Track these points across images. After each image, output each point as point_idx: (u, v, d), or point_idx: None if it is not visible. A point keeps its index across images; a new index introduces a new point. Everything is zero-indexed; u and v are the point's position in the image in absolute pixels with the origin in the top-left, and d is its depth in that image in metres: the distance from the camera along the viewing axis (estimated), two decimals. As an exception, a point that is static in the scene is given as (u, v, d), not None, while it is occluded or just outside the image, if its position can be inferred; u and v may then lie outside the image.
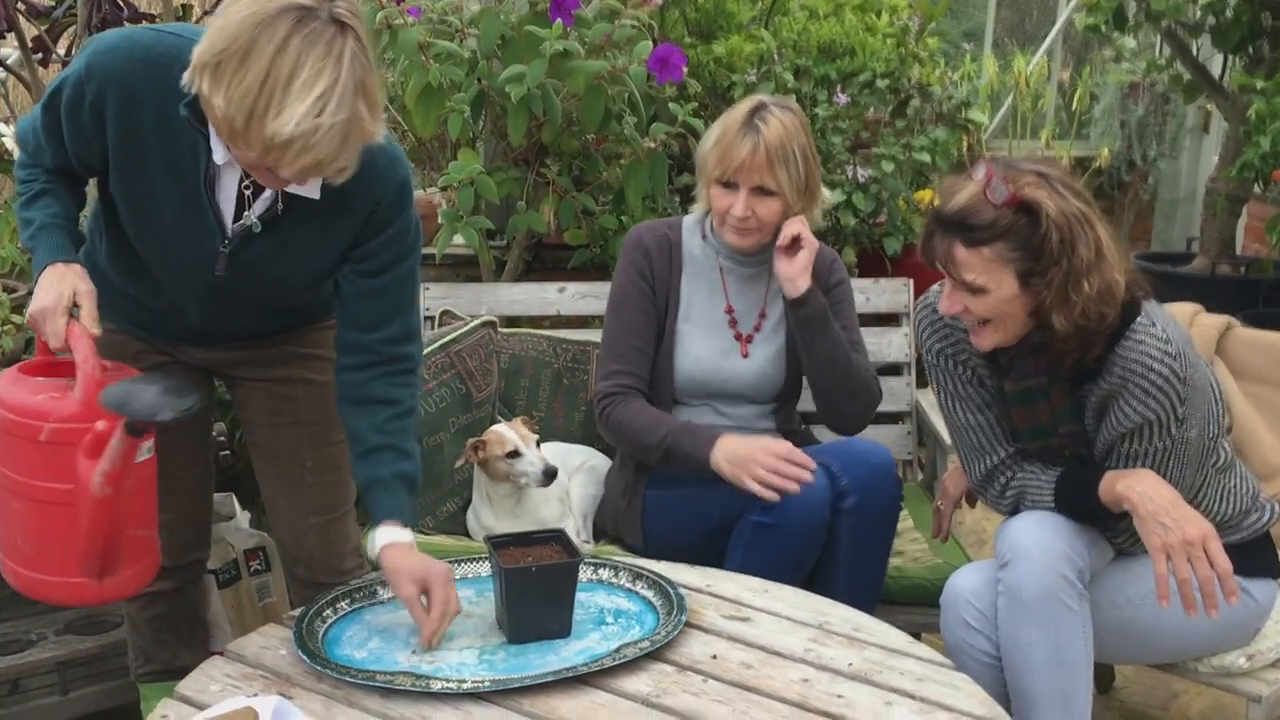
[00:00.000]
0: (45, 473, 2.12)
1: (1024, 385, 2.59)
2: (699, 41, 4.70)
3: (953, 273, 2.46)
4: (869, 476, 2.85)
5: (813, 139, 3.05)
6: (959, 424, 2.73)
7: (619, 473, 3.19)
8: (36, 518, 2.17)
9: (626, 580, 2.44)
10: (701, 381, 3.10)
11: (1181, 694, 3.57)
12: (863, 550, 2.88)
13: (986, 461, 2.70)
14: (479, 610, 2.33)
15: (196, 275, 2.32)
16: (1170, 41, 5.62)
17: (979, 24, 8.89)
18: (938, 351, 2.71)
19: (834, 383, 3.03)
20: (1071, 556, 2.48)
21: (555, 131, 3.72)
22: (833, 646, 2.22)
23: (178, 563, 2.72)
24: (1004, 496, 2.68)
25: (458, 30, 3.72)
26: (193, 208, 2.24)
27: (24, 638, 3.07)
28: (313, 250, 2.32)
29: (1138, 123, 7.84)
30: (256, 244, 2.28)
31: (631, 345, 3.09)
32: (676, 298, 3.12)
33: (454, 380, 3.32)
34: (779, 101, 3.03)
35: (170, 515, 2.66)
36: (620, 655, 2.11)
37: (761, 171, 2.93)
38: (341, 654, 2.14)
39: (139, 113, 2.17)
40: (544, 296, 3.80)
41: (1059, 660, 2.47)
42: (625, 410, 3.02)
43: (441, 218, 3.74)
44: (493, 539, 2.32)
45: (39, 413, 2.11)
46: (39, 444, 2.11)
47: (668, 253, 3.14)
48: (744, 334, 3.13)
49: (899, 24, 4.75)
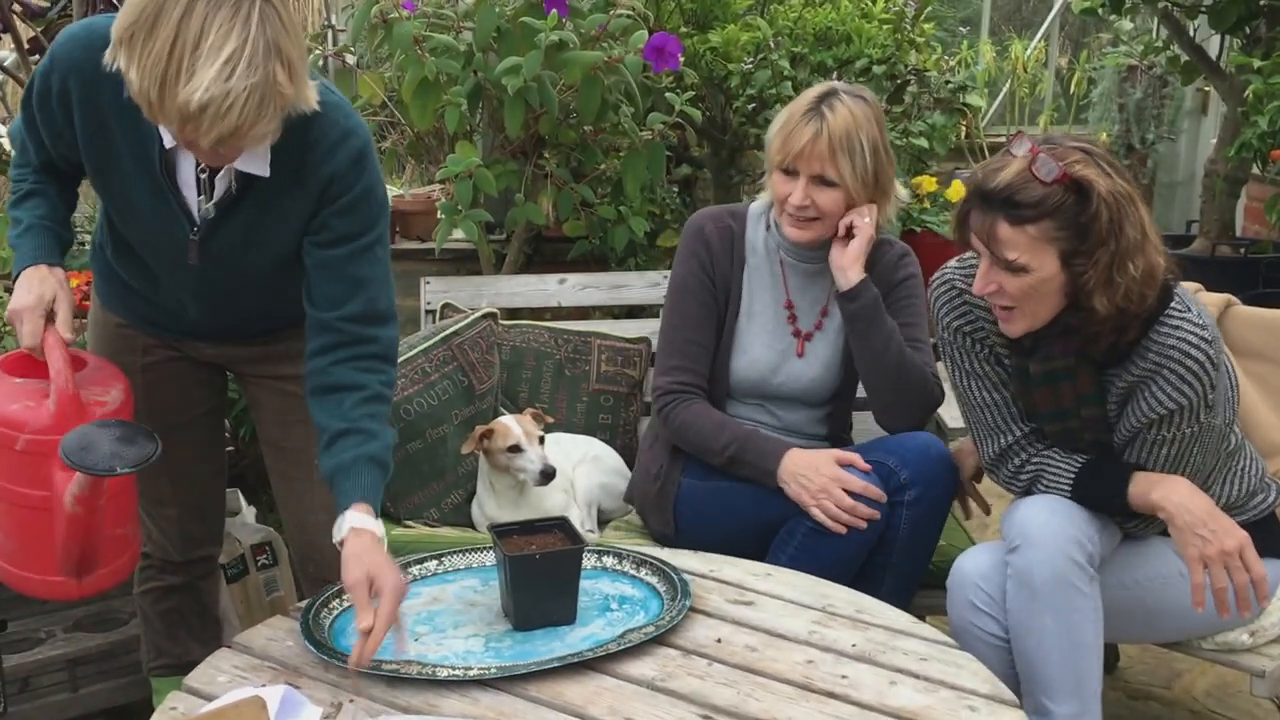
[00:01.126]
0: (22, 478, 2.15)
1: (1050, 366, 2.54)
2: (695, 31, 4.70)
3: (994, 250, 2.40)
4: (930, 469, 2.79)
5: (885, 131, 2.93)
6: (974, 402, 2.70)
7: (650, 453, 3.11)
8: (15, 519, 2.20)
9: (630, 567, 2.45)
10: (756, 383, 3.02)
11: (1185, 672, 3.58)
12: (917, 543, 2.82)
13: (1001, 440, 2.68)
14: (484, 599, 2.34)
15: (178, 265, 2.33)
16: (1167, 23, 5.62)
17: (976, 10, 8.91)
18: (955, 329, 2.67)
19: (884, 380, 2.92)
20: (1081, 541, 2.47)
21: (552, 123, 3.73)
22: (836, 628, 2.23)
23: (187, 557, 2.74)
24: (1018, 478, 2.66)
25: (453, 23, 3.73)
26: (159, 195, 2.25)
27: (33, 635, 3.08)
28: (275, 231, 2.30)
29: (1136, 106, 7.84)
30: (223, 230, 2.27)
31: (691, 340, 3.00)
32: (738, 292, 3.03)
33: (456, 373, 3.33)
34: (853, 90, 2.90)
35: (178, 510, 2.68)
36: (625, 640, 2.12)
37: (823, 160, 2.81)
38: (348, 644, 2.14)
39: (100, 100, 2.18)
40: (544, 288, 3.81)
41: (1071, 644, 2.47)
42: (687, 412, 2.95)
43: (440, 211, 3.75)
44: (496, 528, 2.33)
45: (15, 423, 2.13)
46: (15, 452, 2.13)
47: (729, 243, 3.04)
48: (803, 331, 3.03)
49: (894, 10, 4.75)
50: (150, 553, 2.74)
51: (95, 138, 2.22)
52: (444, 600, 2.33)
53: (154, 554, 2.75)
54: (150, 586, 2.79)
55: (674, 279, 3.06)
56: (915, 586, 2.90)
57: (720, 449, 2.89)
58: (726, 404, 3.04)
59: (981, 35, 8.41)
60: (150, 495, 2.62)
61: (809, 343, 3.03)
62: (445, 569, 2.45)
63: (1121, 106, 7.93)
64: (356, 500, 2.19)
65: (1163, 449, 2.51)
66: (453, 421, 3.29)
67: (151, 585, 2.79)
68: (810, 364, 3.02)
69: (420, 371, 3.27)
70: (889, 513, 2.77)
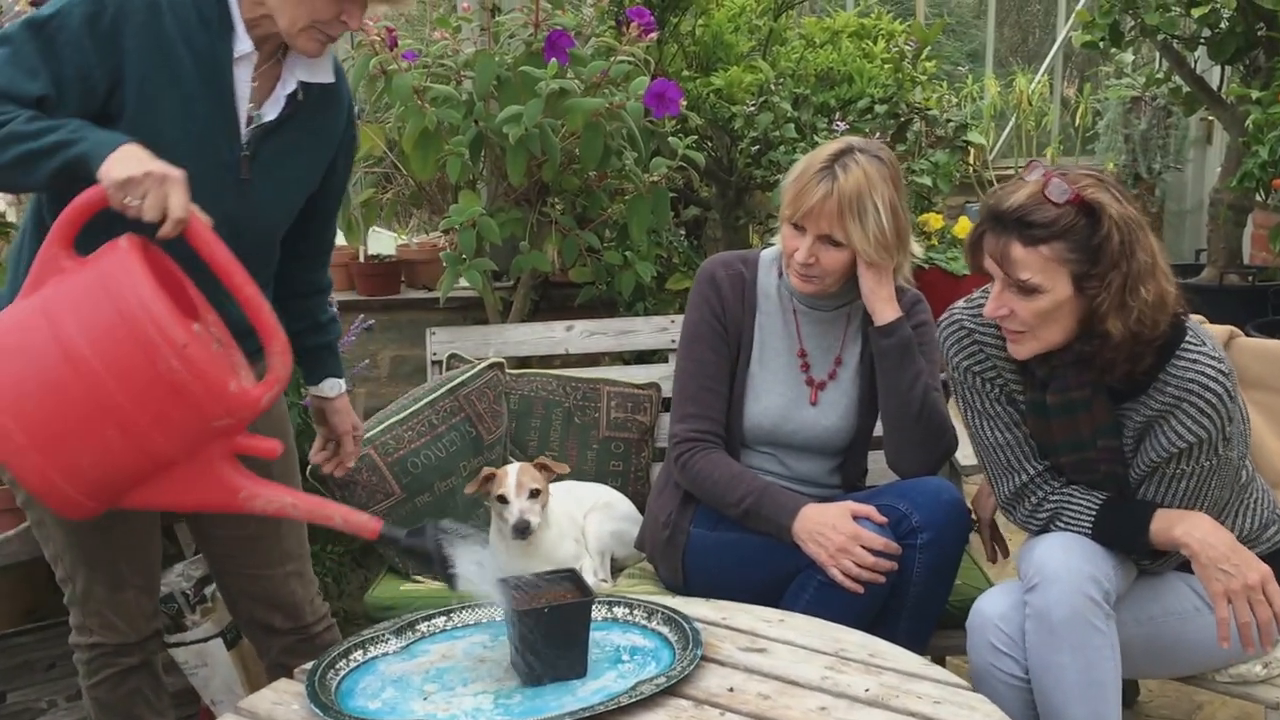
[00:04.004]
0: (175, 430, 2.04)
1: (1067, 398, 2.54)
2: (698, 74, 4.71)
3: (1008, 271, 2.41)
4: (942, 513, 2.78)
5: (903, 188, 2.91)
6: (986, 442, 2.69)
7: (659, 500, 3.09)
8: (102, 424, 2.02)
9: (641, 617, 2.42)
10: (769, 431, 3.00)
11: (1206, 705, 3.55)
12: (932, 586, 2.80)
13: (1016, 480, 2.66)
14: (493, 655, 2.31)
15: (209, 198, 2.19)
16: (1167, 55, 5.63)
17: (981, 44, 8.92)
18: (965, 369, 2.67)
19: (906, 420, 2.91)
20: (1098, 578, 2.47)
21: (555, 170, 3.72)
22: (849, 673, 2.20)
23: (142, 635, 2.65)
24: (1035, 515, 2.64)
25: (453, 73, 3.74)
26: (221, 108, 2.29)
27: (34, 706, 3.06)
28: (312, 154, 2.48)
29: (1141, 136, 7.84)
30: (270, 145, 2.37)
31: (705, 387, 2.98)
32: (750, 338, 3.01)
33: (463, 424, 3.32)
34: (870, 148, 2.86)
35: (135, 591, 2.60)
36: (637, 693, 2.09)
37: (831, 220, 2.79)
38: (356, 705, 2.12)
39: (162, 23, 2.20)
40: (551, 336, 3.80)
41: (1089, 681, 2.46)
42: (704, 462, 2.93)
43: (444, 261, 3.75)
44: (504, 581, 2.31)
45: (233, 404, 2.04)
46: (204, 423, 2.03)
47: (740, 290, 3.02)
48: (816, 379, 3.02)
49: (895, 49, 4.75)
50: (102, 642, 2.61)
51: (154, 66, 2.21)
52: (453, 657, 2.30)
53: (107, 642, 2.62)
54: (105, 675, 2.65)
55: (686, 325, 3.05)
56: (932, 628, 2.88)
57: (736, 501, 2.87)
58: (740, 453, 3.02)
59: (987, 69, 8.42)
60: (108, 582, 2.55)
61: (822, 391, 3.01)
62: (454, 625, 2.43)
63: (1127, 137, 7.92)
64: (338, 373, 2.76)
65: (1181, 482, 2.50)
66: (461, 473, 3.28)
67: (107, 674, 2.65)
68: (825, 412, 3.00)
69: (427, 424, 3.26)
70: (902, 557, 2.75)
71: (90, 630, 2.62)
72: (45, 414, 2.00)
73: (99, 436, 2.00)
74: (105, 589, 2.56)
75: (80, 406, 1.99)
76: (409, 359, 4.48)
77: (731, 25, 4.81)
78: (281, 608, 2.72)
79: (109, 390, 1.96)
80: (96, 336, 1.96)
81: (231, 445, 2.12)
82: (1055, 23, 8.77)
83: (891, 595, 2.79)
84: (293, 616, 2.74)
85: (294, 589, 2.74)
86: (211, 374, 2.00)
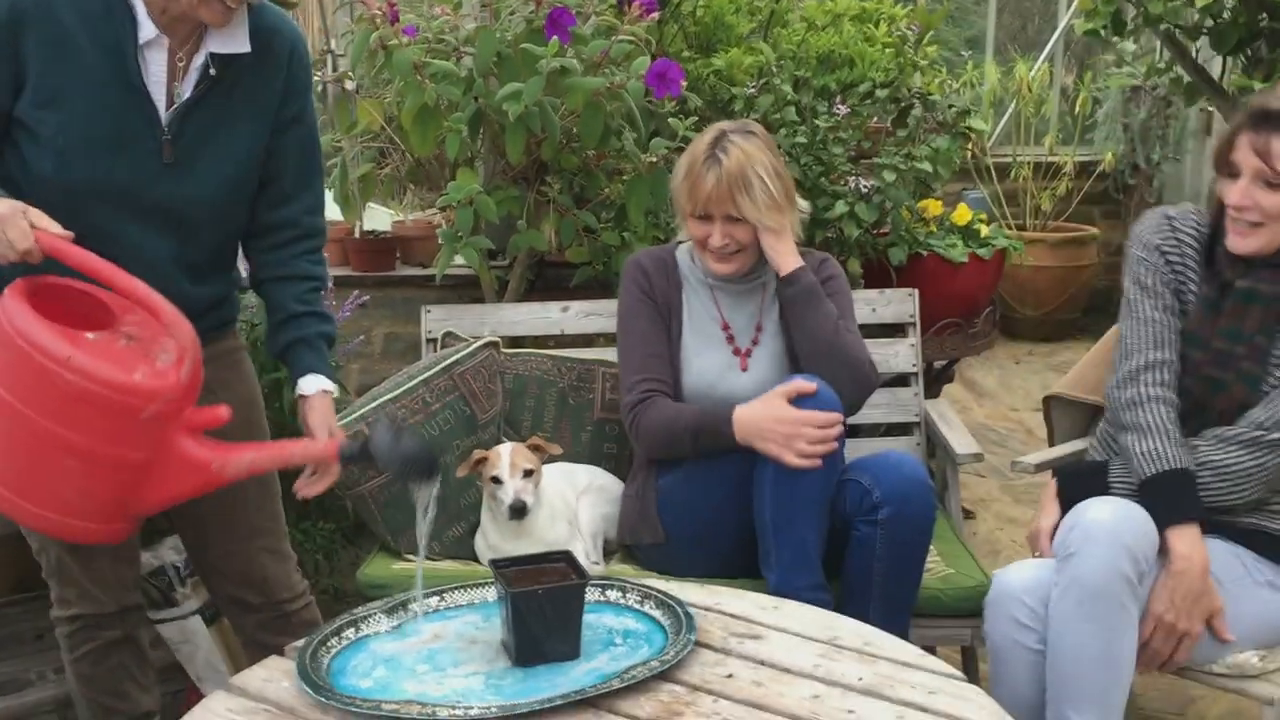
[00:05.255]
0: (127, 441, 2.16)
1: (1255, 286, 2.73)
2: (698, 55, 4.68)
3: (1268, 163, 2.61)
4: (903, 486, 2.87)
5: (778, 154, 3.15)
6: (1140, 315, 2.84)
7: (632, 481, 3.24)
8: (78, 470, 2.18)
9: (634, 600, 2.41)
10: (705, 394, 3.12)
11: (1199, 699, 3.56)
12: (899, 563, 2.88)
13: (1146, 356, 2.80)
14: (486, 635, 2.30)
15: (140, 184, 2.33)
16: (1169, 45, 5.60)
17: (981, 30, 8.90)
18: (1154, 246, 2.86)
19: (820, 354, 3.04)
20: (1137, 557, 2.57)
21: (554, 149, 3.70)
22: (843, 661, 2.19)
23: (121, 605, 2.67)
24: (1129, 409, 2.78)
25: (454, 49, 3.71)
26: (131, 94, 2.30)
27: (23, 677, 3.05)
28: (246, 121, 2.43)
29: (1141, 126, 7.84)
30: (194, 123, 2.36)
31: (648, 355, 3.15)
32: (679, 310, 3.19)
33: (458, 402, 3.30)
34: (740, 126, 3.13)
35: (109, 558, 2.60)
36: (629, 677, 2.08)
37: (725, 200, 3.01)
38: (347, 684, 2.11)
39: (59, 14, 2.23)
40: (547, 316, 3.79)
41: (1107, 656, 2.56)
42: (648, 413, 3.08)
43: (441, 238, 3.73)
44: (498, 562, 2.30)
45: (145, 393, 2.13)
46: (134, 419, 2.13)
47: (664, 271, 3.23)
48: (742, 349, 3.19)
49: (897, 33, 4.72)
50: (81, 613, 2.65)
51: (55, 60, 2.26)
52: (445, 637, 2.30)
53: (86, 612, 2.65)
54: (87, 650, 2.68)
55: (620, 311, 3.24)
56: (907, 612, 2.94)
57: (680, 433, 3.03)
58: None
59: (987, 56, 8.40)
60: (79, 551, 2.56)
61: (749, 358, 3.18)
62: (447, 605, 2.42)
63: (1126, 127, 7.92)
64: (320, 370, 2.57)
65: None
66: (454, 451, 3.26)
67: (89, 646, 2.68)
68: (755, 375, 3.15)
69: (421, 401, 3.24)
70: (865, 535, 2.86)
71: (69, 602, 2.64)
72: (4, 462, 2.18)
73: (58, 465, 2.15)
74: (77, 559, 2.58)
75: (25, 444, 2.15)
76: (402, 336, 4.46)
77: (733, 6, 4.78)
78: (253, 584, 2.73)
79: (37, 421, 2.12)
80: (5, 380, 2.12)
81: (186, 425, 2.21)
82: (1056, 10, 8.75)
83: (859, 577, 2.89)
84: (264, 592, 2.74)
85: (265, 564, 2.74)
86: (108, 373, 2.10)
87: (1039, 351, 7.54)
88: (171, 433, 2.19)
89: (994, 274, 4.43)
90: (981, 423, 6.20)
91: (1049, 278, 7.59)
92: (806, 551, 2.84)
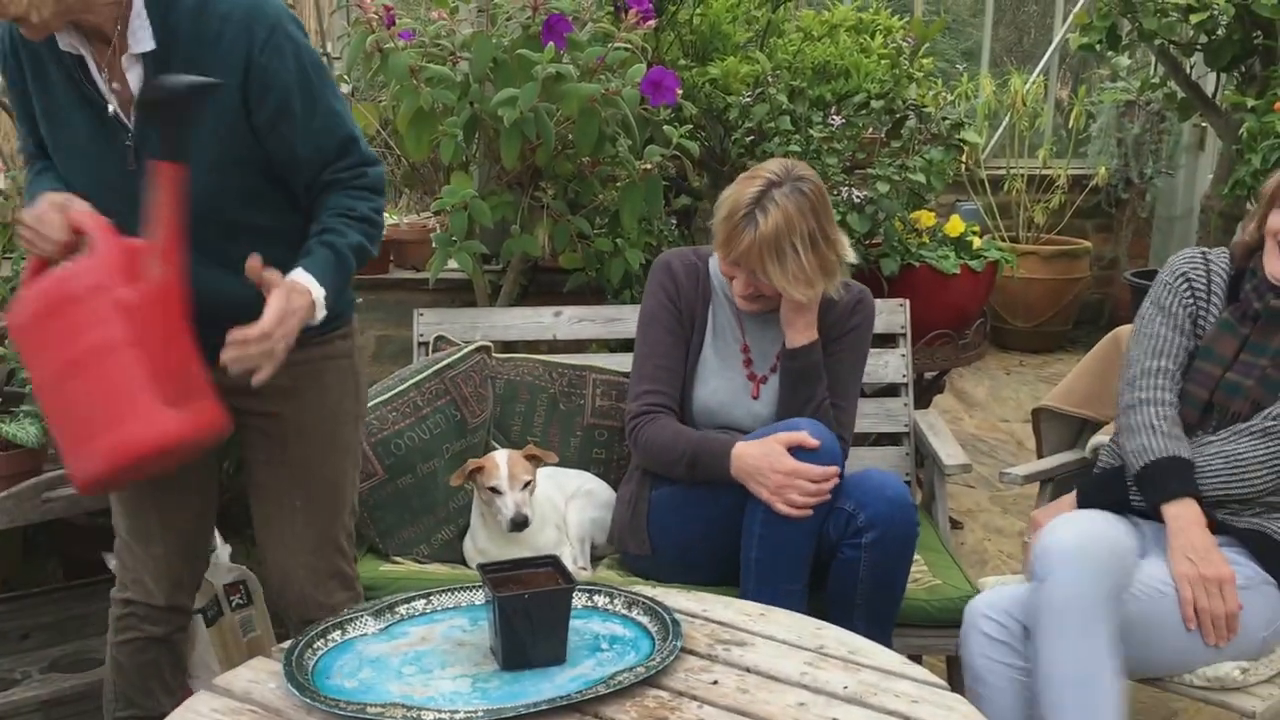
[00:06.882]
0: (86, 332, 2.14)
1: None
2: (694, 63, 4.69)
3: None
4: (888, 510, 2.86)
5: (829, 213, 3.01)
6: (1149, 330, 2.92)
7: (626, 486, 3.22)
8: (92, 381, 2.16)
9: (621, 606, 2.42)
10: (714, 413, 3.12)
11: (1181, 712, 3.56)
12: (882, 584, 2.89)
13: (1145, 364, 2.88)
14: (472, 639, 2.30)
15: (128, 192, 2.28)
16: (1163, 60, 5.63)
17: (977, 43, 8.91)
18: (1183, 274, 2.94)
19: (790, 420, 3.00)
20: (1112, 569, 2.58)
21: (549, 155, 3.71)
22: (829, 669, 2.20)
23: (171, 603, 2.69)
24: (1135, 409, 2.84)
25: (450, 54, 3.71)
26: (89, 110, 2.30)
27: (8, 676, 3.04)
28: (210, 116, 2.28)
29: (1134, 141, 7.85)
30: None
31: (659, 366, 3.12)
32: (704, 321, 3.16)
33: (448, 406, 3.30)
34: (791, 178, 2.95)
35: (165, 549, 2.63)
36: (615, 682, 2.08)
37: (755, 262, 2.93)
38: (332, 684, 2.11)
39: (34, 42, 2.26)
40: (540, 321, 3.79)
41: (1086, 677, 2.54)
42: (649, 429, 3.06)
43: (435, 242, 3.73)
44: (485, 566, 2.30)
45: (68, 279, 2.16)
46: (78, 306, 2.14)
47: (695, 278, 3.17)
48: (758, 375, 3.16)
49: (893, 45, 4.74)
50: (133, 598, 2.68)
51: (36, 78, 2.31)
52: (431, 640, 2.30)
53: (137, 599, 2.68)
54: (130, 637, 2.71)
55: (643, 312, 3.19)
56: (890, 627, 2.94)
57: (678, 457, 3.00)
58: None
59: (982, 68, 8.42)
60: (137, 533, 2.60)
61: (763, 385, 3.14)
62: (434, 608, 2.42)
63: (1120, 141, 7.93)
64: (316, 274, 2.31)
65: None
66: (444, 455, 3.27)
67: (132, 636, 2.71)
68: (765, 404, 3.13)
69: (412, 405, 3.25)
70: (848, 557, 2.86)
71: (125, 585, 2.69)
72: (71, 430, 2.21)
73: (83, 389, 2.15)
74: (137, 541, 2.62)
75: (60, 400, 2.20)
76: (395, 339, 4.46)
77: (729, 16, 4.79)
78: (296, 606, 2.70)
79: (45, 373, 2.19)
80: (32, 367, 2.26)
81: (129, 278, 2.17)
82: (1052, 24, 8.77)
83: (841, 595, 2.89)
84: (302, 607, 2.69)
85: (302, 579, 2.68)
86: (38, 286, 2.18)
87: (1030, 363, 7.55)
88: (124, 295, 2.16)
89: (986, 286, 4.44)
90: (971, 433, 6.21)
91: (1041, 290, 7.60)
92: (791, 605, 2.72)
